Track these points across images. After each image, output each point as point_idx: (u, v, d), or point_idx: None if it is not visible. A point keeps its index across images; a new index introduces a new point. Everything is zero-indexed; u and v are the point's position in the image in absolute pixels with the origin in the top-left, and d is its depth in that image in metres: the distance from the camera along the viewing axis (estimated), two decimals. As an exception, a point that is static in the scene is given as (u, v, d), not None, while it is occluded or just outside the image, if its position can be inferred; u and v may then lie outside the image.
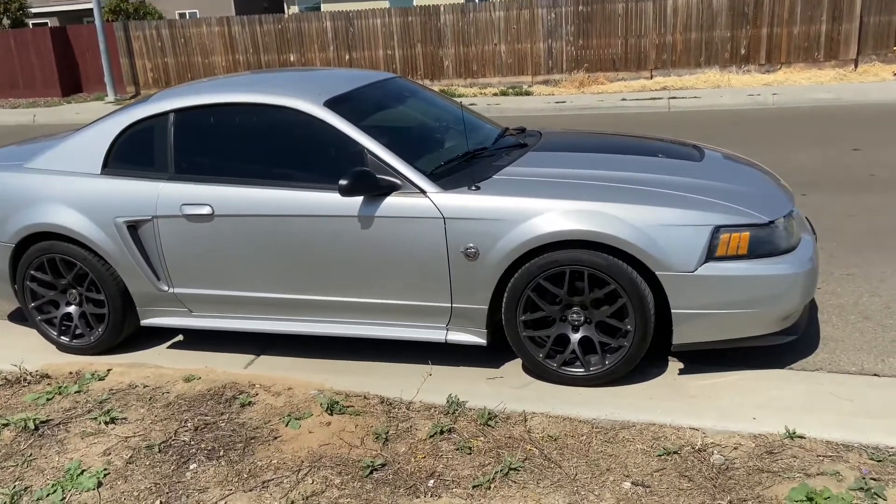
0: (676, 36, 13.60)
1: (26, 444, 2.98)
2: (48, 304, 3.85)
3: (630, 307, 3.05)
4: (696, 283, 2.97)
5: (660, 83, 13.34)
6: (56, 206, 3.63)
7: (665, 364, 3.38)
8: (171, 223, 3.48)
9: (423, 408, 3.11)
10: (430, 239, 3.17)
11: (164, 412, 3.17)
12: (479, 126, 4.15)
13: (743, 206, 3.09)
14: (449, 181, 3.25)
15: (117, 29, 16.26)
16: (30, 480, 2.75)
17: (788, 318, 3.13)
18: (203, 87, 3.75)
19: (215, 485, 2.67)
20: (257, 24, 15.56)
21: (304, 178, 3.35)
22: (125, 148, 3.62)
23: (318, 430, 2.96)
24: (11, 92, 17.38)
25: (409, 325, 3.38)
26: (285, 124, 3.46)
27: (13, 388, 3.47)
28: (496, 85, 14.60)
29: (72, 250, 3.64)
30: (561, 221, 3.02)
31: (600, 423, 2.92)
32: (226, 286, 3.52)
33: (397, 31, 14.90)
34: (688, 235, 2.97)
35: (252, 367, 3.62)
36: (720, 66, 13.51)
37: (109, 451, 2.91)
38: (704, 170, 3.57)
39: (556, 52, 14.28)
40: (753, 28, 13.23)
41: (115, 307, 3.68)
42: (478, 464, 2.71)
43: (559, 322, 3.21)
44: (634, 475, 2.60)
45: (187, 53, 16.03)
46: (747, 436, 2.78)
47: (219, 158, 3.52)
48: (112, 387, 3.42)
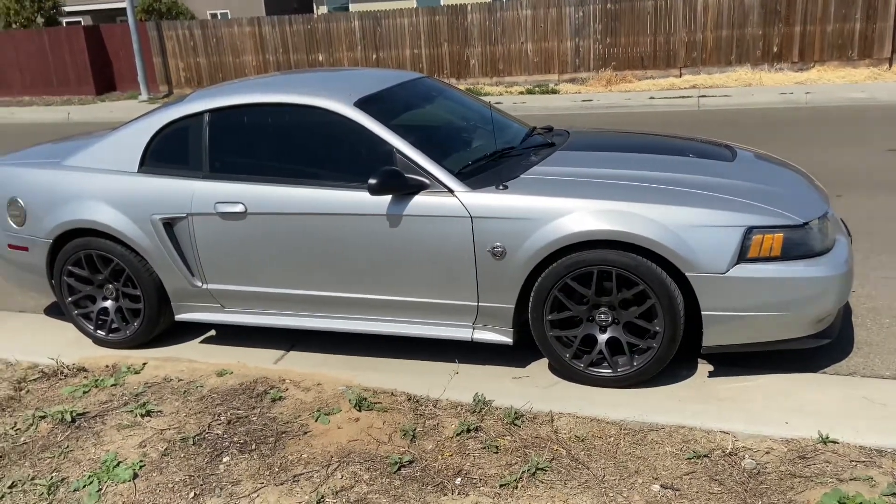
0: (707, 34, 13.44)
1: (63, 436, 3.06)
2: (85, 299, 3.95)
3: (659, 308, 3.03)
4: (728, 284, 2.94)
5: (689, 81, 13.20)
6: (94, 203, 3.71)
7: (694, 366, 3.35)
8: (206, 221, 3.54)
9: (450, 406, 3.13)
10: (457, 238, 3.19)
11: (198, 406, 3.23)
12: (507, 125, 4.15)
13: (776, 206, 3.06)
14: (477, 180, 3.26)
15: (150, 28, 16.54)
16: (67, 472, 2.83)
17: (822, 321, 3.09)
18: (236, 88, 3.81)
19: (248, 478, 2.72)
20: (287, 25, 15.71)
21: (334, 177, 3.39)
22: (161, 147, 3.70)
23: (346, 426, 3.00)
24: (46, 90, 17.76)
25: (436, 323, 3.40)
26: (316, 124, 3.50)
27: (50, 381, 3.56)
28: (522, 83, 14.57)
29: (109, 246, 3.72)
30: (589, 221, 3.02)
31: (628, 425, 2.91)
32: (257, 283, 3.58)
33: (424, 30, 14.94)
34: (719, 236, 2.95)
35: (282, 362, 3.67)
36: (751, 65, 13.33)
37: (145, 443, 2.97)
38: (736, 170, 3.53)
39: (584, 51, 14.20)
40: (786, 26, 13.02)
41: (150, 302, 3.76)
42: (505, 463, 2.72)
43: (586, 322, 3.20)
44: (664, 478, 2.59)
45: (219, 53, 16.25)
46: (779, 440, 2.75)
47: (251, 157, 3.57)
48: (147, 380, 3.50)
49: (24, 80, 17.89)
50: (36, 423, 3.16)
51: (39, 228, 3.87)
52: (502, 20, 14.44)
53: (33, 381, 3.56)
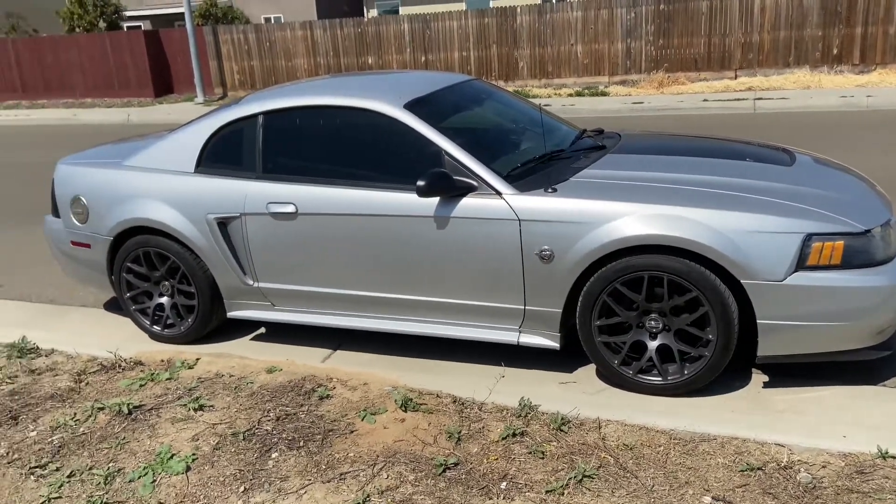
0: (764, 35, 13.10)
1: (120, 428, 3.16)
2: (142, 295, 4.07)
3: (712, 316, 2.96)
4: (785, 292, 2.86)
5: (744, 84, 12.88)
6: (152, 202, 3.83)
7: (748, 376, 3.27)
8: (258, 220, 3.61)
9: (496, 409, 3.12)
10: (504, 240, 3.18)
11: (249, 401, 3.30)
12: (557, 128, 4.12)
13: (837, 213, 2.96)
14: (525, 183, 3.25)
15: (207, 33, 16.98)
16: (123, 462, 2.92)
17: (883, 332, 2.97)
18: (289, 90, 3.88)
19: (295, 474, 2.76)
20: (338, 28, 15.93)
21: (383, 179, 3.42)
22: (217, 148, 3.79)
23: (392, 426, 3.02)
24: (107, 92, 18.40)
25: (482, 325, 3.40)
26: (366, 126, 3.54)
27: (108, 374, 3.68)
28: (571, 86, 14.45)
29: (166, 244, 3.83)
30: (640, 225, 2.97)
31: (679, 434, 2.85)
32: (306, 282, 3.63)
33: (473, 32, 14.95)
34: (777, 243, 2.87)
35: (329, 360, 3.72)
36: (810, 67, 12.94)
37: (198, 436, 3.05)
38: (795, 174, 3.43)
39: (635, 52, 14.00)
40: (846, 27, 12.60)
41: (204, 299, 3.85)
42: (550, 469, 2.70)
43: (636, 328, 3.15)
44: (715, 490, 2.53)
45: (272, 57, 16.58)
46: (836, 454, 2.66)
47: (303, 159, 3.63)
48: (200, 375, 3.59)
49: (86, 82, 18.57)
50: (95, 414, 3.27)
51: (101, 226, 4.01)
52: (552, 22, 14.35)
53: (93, 374, 3.69)
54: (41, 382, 3.64)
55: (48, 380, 3.66)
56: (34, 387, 3.59)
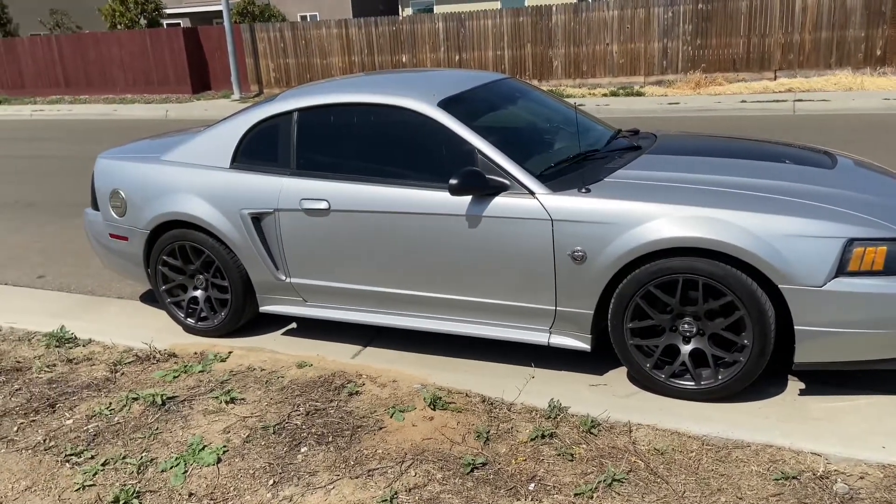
0: (805, 35, 12.81)
1: (153, 418, 3.22)
2: (177, 288, 4.14)
3: (748, 320, 2.90)
4: (824, 298, 2.79)
5: (784, 85, 12.62)
6: (189, 196, 3.89)
7: (784, 383, 3.20)
8: (291, 216, 3.65)
9: (525, 410, 3.10)
10: (536, 240, 3.15)
11: (279, 396, 3.33)
12: (591, 127, 4.08)
13: (880, 217, 2.88)
14: (558, 183, 3.22)
15: (244, 30, 17.20)
16: (155, 452, 2.97)
17: (927, 341, 2.88)
18: (324, 88, 3.90)
19: (324, 469, 2.78)
20: (373, 26, 16.01)
21: (416, 177, 3.42)
22: (252, 144, 3.83)
23: (421, 424, 3.02)
24: (146, 88, 18.77)
25: (513, 325, 3.38)
26: (400, 124, 3.54)
27: (143, 365, 3.75)
28: (606, 85, 14.31)
29: (201, 238, 3.89)
30: (675, 227, 2.93)
31: (711, 441, 2.80)
32: (338, 278, 3.65)
33: (507, 31, 14.90)
34: (817, 247, 2.80)
35: (359, 357, 3.74)
36: (853, 68, 12.62)
37: (229, 429, 3.09)
38: (836, 178, 3.35)
39: (672, 52, 13.81)
40: (891, 28, 12.26)
41: (237, 293, 3.90)
42: (580, 472, 2.67)
43: (669, 332, 3.11)
44: (748, 498, 2.48)
45: (307, 54, 16.73)
46: (875, 465, 2.58)
47: (337, 156, 3.65)
48: (232, 368, 3.63)
49: (126, 78, 18.96)
50: (129, 404, 3.33)
51: (139, 219, 4.09)
52: (587, 21, 14.23)
53: (128, 364, 3.76)
54: (78, 371, 3.72)
55: (85, 369, 3.75)
56: (71, 376, 3.68)
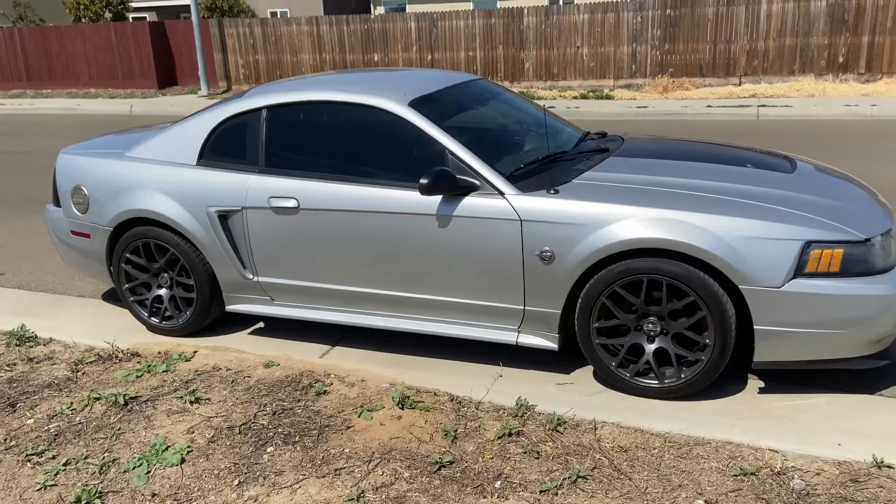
0: (769, 42, 13.09)
1: (116, 418, 3.17)
2: (141, 287, 4.07)
3: (710, 320, 2.97)
4: (783, 299, 2.86)
5: (749, 90, 12.88)
6: (153, 193, 3.83)
7: (744, 382, 3.27)
8: (259, 214, 3.62)
9: (492, 408, 3.12)
10: (505, 240, 3.18)
11: (245, 395, 3.30)
12: (561, 129, 4.13)
13: (837, 221, 2.96)
14: (528, 184, 3.25)
15: (212, 25, 16.98)
16: (118, 453, 2.92)
17: (881, 341, 2.98)
18: (293, 85, 3.88)
19: (290, 469, 2.76)
20: (344, 24, 15.93)
21: (386, 176, 3.42)
22: (220, 141, 3.79)
23: (388, 423, 3.02)
24: (110, 82, 18.41)
25: (481, 325, 3.40)
26: (370, 123, 3.54)
27: (105, 365, 3.68)
28: (576, 88, 14.44)
29: (165, 236, 3.84)
30: (641, 229, 2.98)
31: (673, 438, 2.86)
32: (306, 277, 3.63)
33: (480, 32, 14.95)
34: (776, 249, 2.87)
35: (327, 356, 3.73)
36: (815, 75, 12.93)
37: (193, 429, 3.05)
38: (796, 182, 3.44)
39: (641, 57, 13.99)
40: (853, 35, 12.59)
41: (203, 292, 3.86)
42: (545, 469, 2.70)
43: (634, 331, 3.16)
44: (708, 494, 2.53)
45: (277, 51, 16.58)
46: (831, 462, 2.66)
47: (306, 154, 3.63)
48: (197, 368, 3.59)
49: (90, 72, 18.58)
50: (91, 404, 3.27)
51: (101, 216, 4.01)
52: (558, 24, 14.35)
53: (89, 364, 3.69)
54: (39, 371, 3.65)
55: (46, 368, 3.67)
56: (32, 375, 3.60)
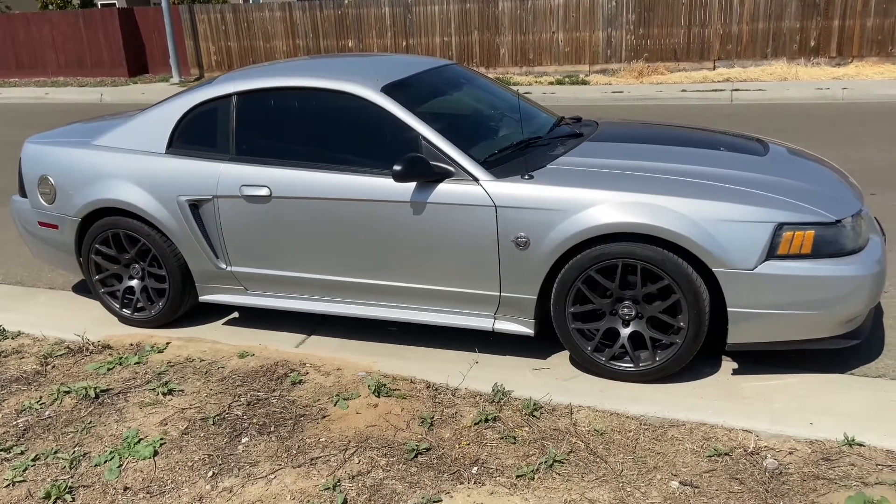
0: (742, 26, 13.16)
1: (87, 412, 3.11)
2: (111, 278, 4.00)
3: (684, 303, 2.98)
4: (755, 281, 2.88)
5: (723, 75, 12.95)
6: (122, 182, 3.75)
7: (718, 363, 3.30)
8: (231, 203, 3.56)
9: (469, 395, 3.12)
10: (481, 227, 3.16)
11: (219, 386, 3.26)
12: (535, 115, 4.11)
13: (808, 203, 2.99)
14: (502, 169, 3.23)
15: (183, 12, 16.65)
16: (89, 447, 2.87)
17: (852, 321, 3.02)
18: (265, 71, 3.81)
19: (265, 459, 2.74)
20: (318, 10, 15.72)
21: (360, 163, 3.39)
22: (189, 128, 3.72)
23: (365, 412, 3.00)
24: (80, 71, 18.01)
25: (457, 312, 3.39)
26: (343, 109, 3.49)
27: (76, 357, 3.62)
28: (552, 73, 14.42)
29: (136, 226, 3.76)
30: (615, 213, 2.98)
31: (649, 420, 2.88)
32: (280, 266, 3.59)
33: (455, 18, 14.84)
34: (748, 232, 2.89)
35: (303, 346, 3.69)
36: (788, 59, 13.03)
37: (166, 421, 3.01)
38: (768, 165, 3.46)
39: (616, 41, 14.00)
40: (824, 19, 12.70)
41: (175, 283, 3.80)
42: (522, 454, 2.70)
43: (609, 315, 3.17)
44: (683, 475, 2.56)
45: (250, 37, 16.32)
46: (803, 441, 2.69)
47: (278, 141, 3.58)
48: (170, 359, 3.54)
49: (59, 60, 18.15)
50: (61, 397, 3.21)
51: (69, 206, 3.93)
52: (534, 9, 14.29)
53: (59, 357, 3.63)
54: (7, 365, 3.57)
55: (14, 362, 3.59)
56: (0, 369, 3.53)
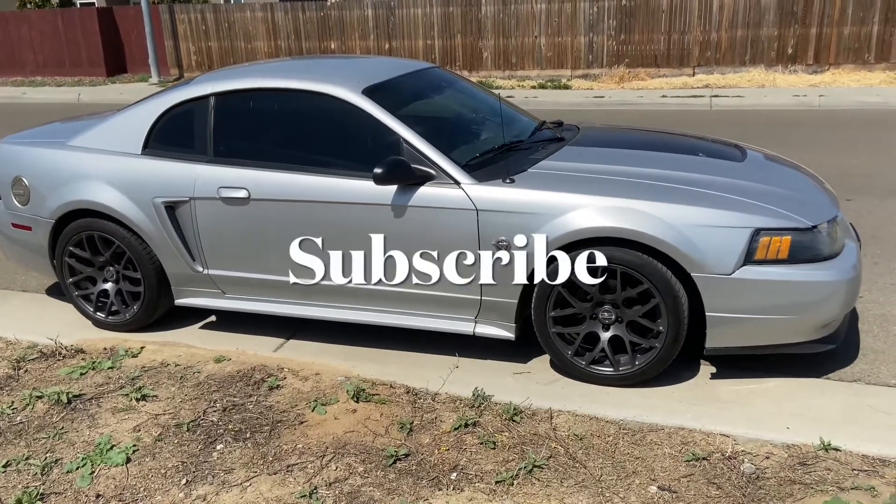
0: (721, 33, 13.30)
1: (59, 417, 3.05)
2: (85, 281, 3.93)
3: (663, 308, 2.99)
4: (733, 286, 2.90)
5: (702, 81, 13.07)
6: (97, 184, 3.69)
7: (697, 368, 3.31)
8: (208, 205, 3.51)
9: (449, 400, 3.10)
10: (462, 230, 3.15)
11: (194, 392, 3.21)
12: (517, 118, 4.11)
13: (785, 209, 3.01)
14: (483, 173, 3.22)
15: (163, 11, 16.49)
16: (60, 453, 2.81)
17: (828, 326, 3.04)
18: (244, 72, 3.78)
19: (241, 466, 2.70)
20: (300, 11, 15.64)
21: (340, 165, 3.36)
22: (166, 129, 3.67)
23: (343, 417, 2.97)
24: (58, 70, 17.76)
25: (438, 315, 3.37)
26: (323, 111, 3.46)
27: (48, 362, 3.55)
28: (535, 78, 14.47)
29: (110, 228, 3.70)
30: (595, 217, 2.98)
31: (628, 425, 2.88)
32: (259, 269, 3.55)
33: (438, 21, 14.84)
34: (726, 237, 2.90)
35: (281, 350, 3.65)
36: (766, 66, 13.18)
37: (139, 427, 2.96)
38: (746, 170, 3.49)
39: (597, 47, 14.08)
40: (802, 27, 12.87)
41: (150, 286, 3.74)
42: (501, 459, 2.69)
43: (589, 320, 3.17)
44: (661, 479, 2.56)
45: (230, 38, 16.19)
46: (780, 445, 2.71)
47: (257, 143, 3.54)
48: (144, 364, 3.48)
49: (36, 60, 17.89)
50: (32, 402, 3.15)
51: (43, 208, 3.85)
52: (516, 13, 14.33)
53: (32, 361, 3.55)
54: (-24, 370, 3.49)
55: (-16, 367, 3.52)
56: (-31, 374, 3.45)
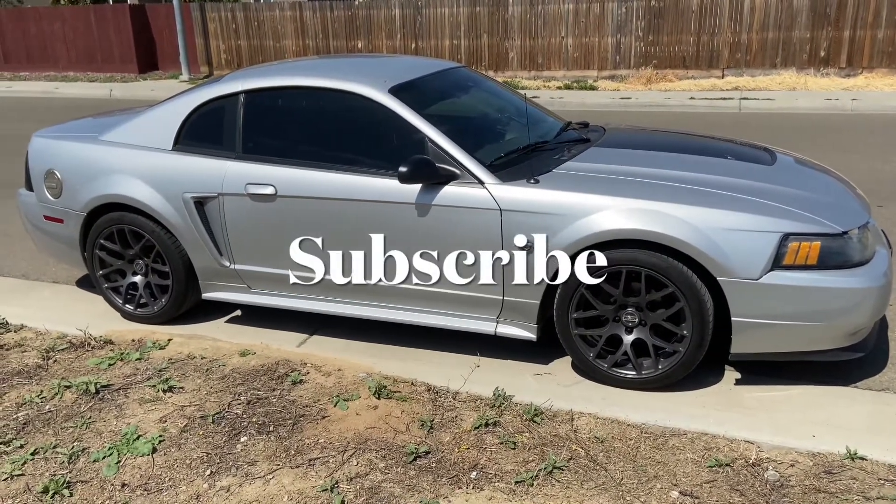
0: (752, 35, 13.12)
1: (86, 407, 3.11)
2: (115, 273, 4.00)
3: (688, 312, 2.96)
4: (760, 291, 2.86)
5: (731, 83, 12.91)
6: (128, 178, 3.76)
7: (721, 373, 3.28)
8: (236, 201, 3.56)
9: (470, 398, 3.11)
10: (485, 230, 3.15)
11: (220, 384, 3.26)
12: (542, 119, 4.10)
13: (815, 214, 2.97)
14: (508, 173, 3.22)
15: (194, 9, 16.71)
16: (88, 442, 2.87)
17: (856, 334, 2.99)
18: (273, 70, 3.82)
19: (264, 459, 2.73)
20: (328, 10, 15.75)
21: (365, 164, 3.38)
22: (196, 126, 3.72)
23: (365, 413, 2.99)
24: (90, 66, 18.07)
25: (460, 314, 3.38)
26: (350, 109, 3.49)
27: (77, 352, 3.62)
28: (560, 78, 14.41)
29: (141, 222, 3.76)
30: (620, 219, 2.96)
31: (650, 429, 2.86)
32: (284, 265, 3.58)
33: (464, 21, 14.85)
34: (754, 241, 2.87)
35: (305, 345, 3.69)
36: (797, 68, 12.98)
37: (165, 418, 3.01)
38: (775, 174, 3.44)
39: (625, 48, 13.98)
40: (835, 30, 12.66)
41: (178, 279, 3.79)
42: (521, 459, 2.69)
43: (612, 322, 3.15)
44: (683, 485, 2.54)
45: (260, 36, 16.36)
46: (805, 453, 2.67)
47: (284, 140, 3.58)
48: (171, 356, 3.54)
49: (69, 55, 18.22)
50: (61, 392, 3.22)
51: (75, 201, 3.93)
52: (543, 13, 14.28)
53: (61, 351, 3.63)
54: (8, 358, 3.57)
55: (16, 356, 3.60)
56: (1, 362, 3.53)
